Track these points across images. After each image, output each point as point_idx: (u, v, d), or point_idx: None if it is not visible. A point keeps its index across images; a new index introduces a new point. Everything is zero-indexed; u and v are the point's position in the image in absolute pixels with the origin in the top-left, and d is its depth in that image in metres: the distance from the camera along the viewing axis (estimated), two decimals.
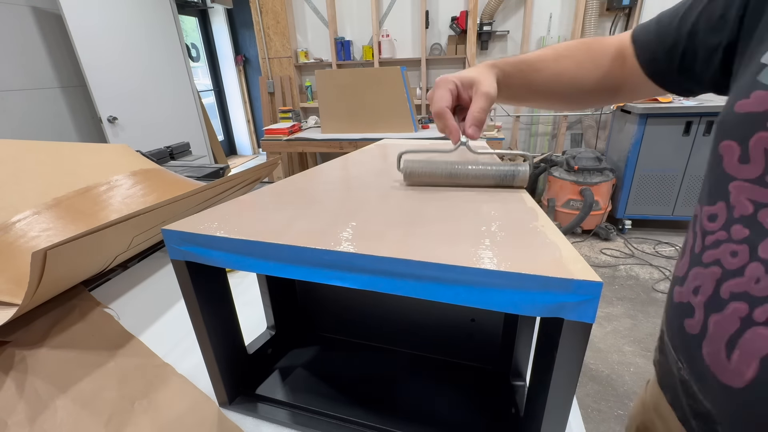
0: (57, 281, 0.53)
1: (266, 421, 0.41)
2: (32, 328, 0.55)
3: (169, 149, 1.57)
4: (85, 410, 0.42)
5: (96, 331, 0.55)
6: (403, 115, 2.39)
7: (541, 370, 0.30)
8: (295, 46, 3.73)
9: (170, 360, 0.49)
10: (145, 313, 0.60)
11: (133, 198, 0.75)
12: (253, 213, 0.37)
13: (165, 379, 0.46)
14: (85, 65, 2.35)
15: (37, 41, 2.30)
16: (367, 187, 0.44)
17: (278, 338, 0.51)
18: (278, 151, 2.64)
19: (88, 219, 0.66)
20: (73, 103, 2.53)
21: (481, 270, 0.24)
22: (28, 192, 0.67)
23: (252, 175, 0.78)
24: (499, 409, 0.42)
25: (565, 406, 0.28)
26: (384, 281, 0.27)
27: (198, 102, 3.34)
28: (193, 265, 0.34)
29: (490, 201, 0.38)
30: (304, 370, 0.48)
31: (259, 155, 5.11)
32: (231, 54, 4.71)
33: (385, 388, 0.45)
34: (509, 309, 0.25)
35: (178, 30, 3.05)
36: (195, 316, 0.37)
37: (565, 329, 0.25)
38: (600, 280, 0.22)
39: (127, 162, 0.84)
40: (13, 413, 0.42)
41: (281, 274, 0.30)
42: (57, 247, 0.42)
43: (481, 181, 0.43)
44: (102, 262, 0.61)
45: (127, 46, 2.65)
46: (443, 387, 0.45)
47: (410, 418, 0.41)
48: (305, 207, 0.38)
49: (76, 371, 0.47)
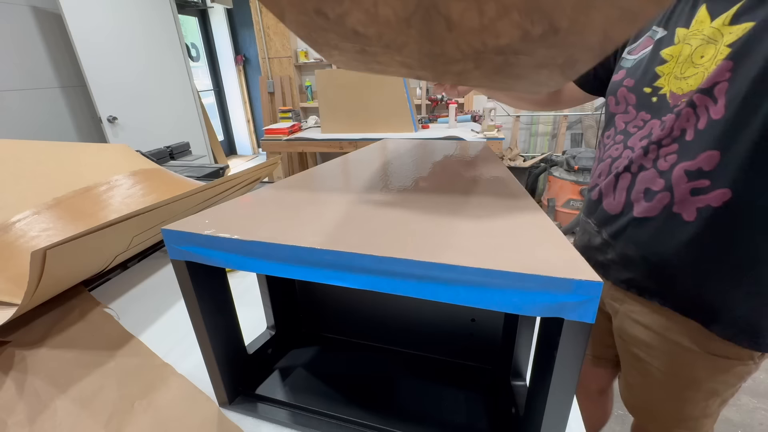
0: (57, 281, 0.53)
1: (266, 421, 0.41)
2: (32, 328, 0.55)
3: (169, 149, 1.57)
4: (84, 410, 0.42)
5: (96, 331, 0.55)
6: (403, 115, 2.39)
7: (541, 370, 0.30)
8: (295, 46, 3.73)
9: (170, 360, 0.49)
10: (145, 313, 0.60)
11: (133, 198, 0.75)
12: (253, 213, 0.37)
13: (165, 379, 0.46)
14: (85, 65, 2.35)
15: (37, 41, 2.30)
16: (368, 187, 0.44)
17: (278, 338, 0.51)
18: (278, 151, 2.64)
19: (88, 219, 0.66)
20: (73, 103, 2.53)
21: (481, 270, 0.24)
22: (28, 192, 0.67)
23: (252, 175, 0.78)
24: (499, 409, 0.42)
25: (565, 406, 0.28)
26: (384, 281, 0.27)
27: (198, 102, 3.34)
28: (193, 265, 0.34)
29: (489, 200, 0.38)
30: (304, 370, 0.48)
31: (259, 155, 5.11)
32: (231, 54, 4.71)
33: (385, 388, 0.45)
34: (509, 309, 0.25)
35: (178, 30, 3.05)
36: (195, 316, 0.37)
37: (565, 329, 0.25)
38: (600, 280, 0.22)
39: (127, 162, 0.84)
40: (13, 413, 0.42)
41: (281, 274, 0.30)
42: (56, 246, 0.42)
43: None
44: (102, 262, 0.61)
45: (127, 46, 2.64)
46: (443, 387, 0.45)
47: (410, 418, 0.41)
48: (305, 207, 0.38)
49: (76, 371, 0.47)
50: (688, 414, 0.62)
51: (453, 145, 0.71)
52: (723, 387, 0.58)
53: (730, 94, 0.45)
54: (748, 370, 0.56)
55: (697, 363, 0.57)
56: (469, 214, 0.34)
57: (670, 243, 0.53)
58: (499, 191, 0.41)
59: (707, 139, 0.47)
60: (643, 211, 0.54)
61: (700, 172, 0.48)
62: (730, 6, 0.46)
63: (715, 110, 0.46)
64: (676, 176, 0.50)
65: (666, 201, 0.52)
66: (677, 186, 0.50)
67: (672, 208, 0.51)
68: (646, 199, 0.54)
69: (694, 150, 0.48)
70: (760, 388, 1.46)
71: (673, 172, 0.50)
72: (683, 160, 0.49)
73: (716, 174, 0.47)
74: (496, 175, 0.48)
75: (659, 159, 0.52)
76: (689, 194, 0.49)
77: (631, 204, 0.56)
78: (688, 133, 0.49)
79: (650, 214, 0.54)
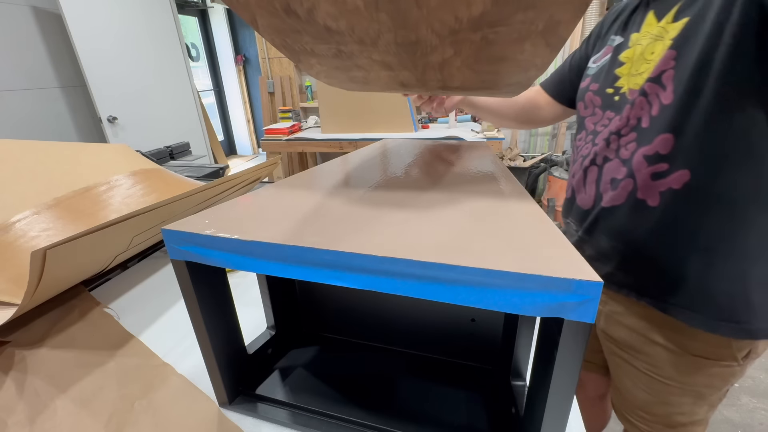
0: (56, 281, 0.53)
1: (266, 421, 0.41)
2: (32, 328, 0.55)
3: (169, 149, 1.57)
4: (84, 410, 0.42)
5: (96, 331, 0.55)
6: (403, 115, 2.39)
7: (541, 370, 0.30)
8: None
9: (170, 360, 0.49)
10: (145, 313, 0.60)
11: (133, 198, 0.75)
12: (253, 213, 0.37)
13: (165, 379, 0.46)
14: (85, 65, 2.35)
15: (37, 41, 2.30)
16: (368, 187, 0.44)
17: (278, 338, 0.51)
18: (278, 151, 2.64)
19: (88, 219, 0.66)
20: (73, 103, 2.53)
21: (481, 270, 0.24)
22: (28, 192, 0.67)
23: (252, 175, 0.78)
24: (499, 409, 0.42)
25: (565, 406, 0.28)
26: (384, 281, 0.27)
27: (198, 102, 3.33)
28: (193, 265, 0.34)
29: (489, 201, 0.38)
30: (304, 370, 0.48)
31: (259, 155, 5.11)
32: (231, 54, 4.71)
33: (385, 388, 0.45)
34: (509, 309, 0.25)
35: (178, 30, 3.05)
36: (195, 316, 0.37)
37: (565, 329, 0.25)
38: (600, 280, 0.22)
39: (127, 162, 0.84)
40: (13, 413, 0.42)
41: (281, 274, 0.30)
42: (56, 246, 0.42)
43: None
44: (102, 262, 0.61)
45: (127, 46, 2.64)
46: (443, 387, 0.45)
47: (410, 418, 0.41)
48: (305, 207, 0.38)
49: (76, 371, 0.47)
50: (676, 420, 0.61)
51: (453, 146, 0.71)
52: (708, 390, 0.58)
53: (677, 80, 0.48)
54: (732, 372, 0.56)
55: (679, 364, 0.57)
56: (468, 214, 0.34)
57: (638, 230, 0.55)
58: (499, 191, 0.41)
59: (661, 124, 0.50)
60: (611, 200, 0.57)
61: (658, 156, 0.51)
62: (672, 6, 0.51)
63: (665, 96, 0.50)
64: (637, 162, 0.53)
65: (630, 187, 0.54)
66: (638, 171, 0.53)
67: (636, 194, 0.53)
68: (612, 188, 0.56)
69: (650, 135, 0.52)
70: (760, 388, 1.46)
71: (633, 159, 0.53)
72: (641, 146, 0.52)
73: (673, 156, 0.50)
74: (496, 175, 0.48)
75: (621, 148, 0.56)
76: (650, 179, 0.52)
77: (601, 195, 0.59)
78: (644, 121, 0.53)
79: (617, 202, 0.56)
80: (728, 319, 0.51)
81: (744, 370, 0.56)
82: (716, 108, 0.46)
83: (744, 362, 0.55)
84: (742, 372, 0.56)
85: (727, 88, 0.45)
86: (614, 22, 0.64)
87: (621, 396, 0.68)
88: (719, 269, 0.51)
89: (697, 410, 0.60)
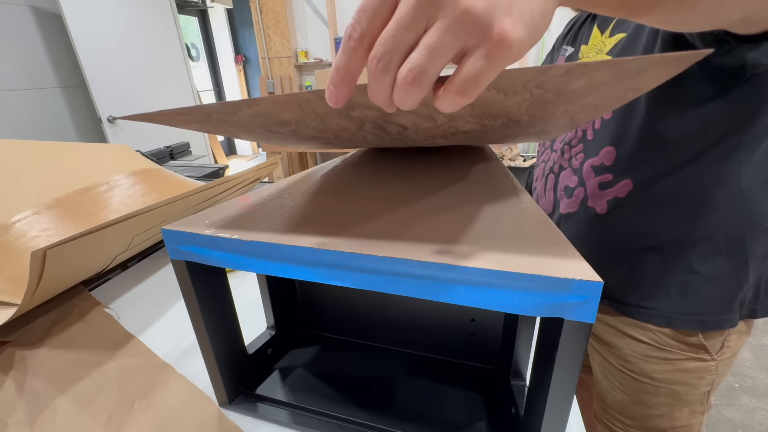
0: (57, 281, 0.53)
1: (266, 421, 0.41)
2: (32, 328, 0.55)
3: (169, 149, 1.57)
4: (85, 410, 0.42)
5: (96, 331, 0.55)
6: None
7: (541, 370, 0.30)
8: (295, 46, 3.73)
9: (170, 360, 0.49)
10: (145, 313, 0.60)
11: (133, 198, 0.75)
12: (253, 213, 0.37)
13: (165, 379, 0.46)
14: (85, 65, 2.34)
15: (37, 41, 2.30)
16: (367, 187, 0.44)
17: (278, 338, 0.51)
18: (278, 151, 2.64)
19: (88, 219, 0.67)
20: (73, 103, 2.52)
21: (481, 270, 0.24)
22: (28, 192, 0.67)
23: (252, 175, 0.78)
24: (499, 409, 0.42)
25: (565, 406, 0.28)
26: (384, 281, 0.27)
27: (198, 102, 3.34)
28: (193, 265, 0.34)
29: (489, 200, 0.38)
30: (304, 370, 0.48)
31: (259, 155, 5.12)
32: (231, 54, 4.71)
33: (385, 388, 0.45)
34: (509, 309, 0.25)
35: (178, 30, 3.05)
36: (195, 316, 0.37)
37: (565, 329, 0.25)
38: (600, 280, 0.22)
39: (127, 162, 0.84)
40: (13, 413, 0.42)
41: (281, 274, 0.30)
42: (56, 246, 0.42)
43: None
44: (102, 262, 0.61)
45: (127, 46, 2.64)
46: (443, 387, 0.45)
47: (410, 418, 0.41)
48: (305, 207, 0.38)
49: (76, 371, 0.47)
50: (655, 425, 0.60)
51: (453, 146, 0.71)
52: (683, 389, 0.57)
53: None
54: (707, 368, 0.55)
55: (650, 357, 0.57)
56: (468, 213, 0.34)
57: (591, 237, 0.57)
58: (498, 191, 0.41)
59: (603, 136, 0.54)
60: (566, 207, 0.60)
61: (603, 167, 0.54)
62: (611, 22, 0.55)
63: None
64: (585, 171, 0.56)
65: (581, 195, 0.57)
66: (588, 180, 0.56)
67: (587, 202, 0.56)
68: (567, 196, 0.60)
69: (595, 147, 0.55)
70: (760, 388, 1.46)
71: (583, 169, 0.57)
72: (588, 157, 0.56)
73: (616, 168, 0.53)
74: (496, 175, 0.49)
75: (572, 158, 0.59)
76: (598, 188, 0.55)
77: (558, 202, 0.62)
78: (589, 133, 0.56)
79: (571, 210, 0.59)
80: (681, 312, 0.53)
81: (722, 368, 0.56)
82: (650, 120, 0.48)
83: (719, 357, 0.55)
84: (721, 370, 0.56)
85: (654, 102, 0.47)
86: (567, 33, 0.67)
87: (601, 400, 0.68)
88: (668, 266, 0.52)
89: (677, 414, 0.59)
